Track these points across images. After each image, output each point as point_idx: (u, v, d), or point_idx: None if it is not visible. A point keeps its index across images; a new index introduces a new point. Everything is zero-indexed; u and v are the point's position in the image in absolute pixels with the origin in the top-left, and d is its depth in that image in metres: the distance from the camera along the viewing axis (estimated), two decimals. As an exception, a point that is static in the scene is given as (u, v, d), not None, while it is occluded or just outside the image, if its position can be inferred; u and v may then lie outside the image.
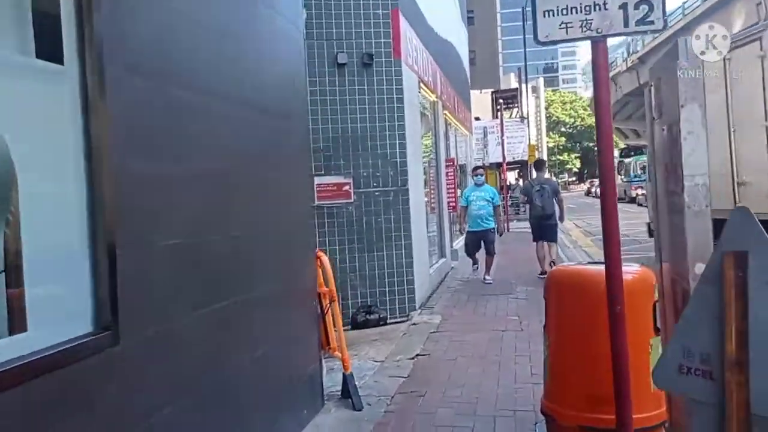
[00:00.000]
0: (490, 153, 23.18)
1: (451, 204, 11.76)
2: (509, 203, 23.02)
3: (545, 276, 9.73)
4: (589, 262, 4.20)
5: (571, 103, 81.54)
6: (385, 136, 7.48)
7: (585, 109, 77.27)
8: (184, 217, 2.54)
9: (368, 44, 7.41)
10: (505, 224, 20.06)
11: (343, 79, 7.34)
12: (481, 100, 29.22)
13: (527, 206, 11.39)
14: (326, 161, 7.29)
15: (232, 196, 3.01)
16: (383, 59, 7.45)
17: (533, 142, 35.53)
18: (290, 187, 3.89)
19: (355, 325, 6.98)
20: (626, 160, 34.96)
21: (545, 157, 59.64)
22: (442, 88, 11.68)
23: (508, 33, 77.45)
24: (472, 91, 22.00)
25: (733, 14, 23.44)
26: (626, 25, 3.26)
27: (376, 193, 7.47)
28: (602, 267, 3.22)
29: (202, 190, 2.70)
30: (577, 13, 3.29)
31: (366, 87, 7.43)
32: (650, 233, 14.01)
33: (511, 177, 36.64)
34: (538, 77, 79.37)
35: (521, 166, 33.21)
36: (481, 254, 10.05)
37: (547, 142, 71.92)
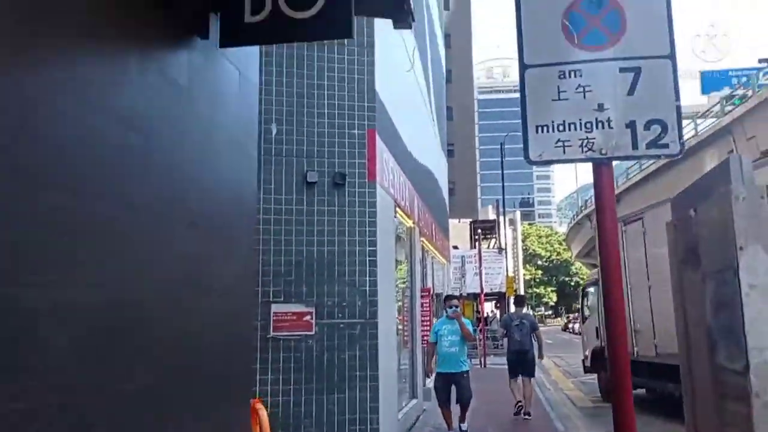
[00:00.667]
0: (468, 283, 22.60)
1: (425, 338, 10.89)
2: (487, 335, 22.04)
3: (521, 408, 9.18)
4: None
5: (547, 237, 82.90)
6: (354, 261, 6.80)
7: (560, 244, 78.34)
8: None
9: (341, 164, 6.94)
10: (482, 359, 18.99)
11: (312, 199, 6.78)
12: (459, 229, 29.21)
13: (505, 340, 10.96)
14: (286, 287, 6.53)
15: (124, 329, 2.24)
16: (357, 180, 6.96)
17: (511, 274, 35.26)
18: (222, 317, 3.12)
19: (306, 483, 5.88)
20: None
21: (522, 290, 59.58)
22: (420, 214, 11.24)
23: (487, 167, 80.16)
24: (450, 220, 21.81)
25: (704, 160, 24.17)
26: (635, 147, 2.71)
27: (341, 325, 6.66)
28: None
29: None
30: (576, 129, 2.75)
31: (336, 208, 6.86)
32: (585, 369, 13.42)
33: (488, 308, 35.84)
34: (515, 210, 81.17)
35: (498, 297, 32.61)
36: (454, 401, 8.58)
37: (524, 274, 72.11)
